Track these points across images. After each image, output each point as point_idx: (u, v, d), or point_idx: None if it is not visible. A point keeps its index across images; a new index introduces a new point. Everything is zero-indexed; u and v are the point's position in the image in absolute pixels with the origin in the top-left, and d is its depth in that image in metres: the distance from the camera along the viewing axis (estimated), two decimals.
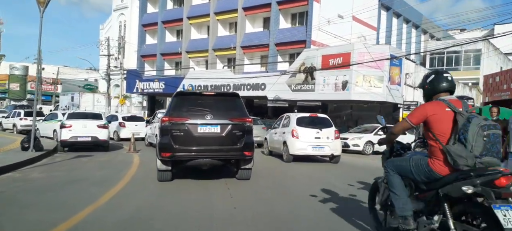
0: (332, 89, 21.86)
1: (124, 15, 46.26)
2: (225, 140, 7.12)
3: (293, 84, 23.49)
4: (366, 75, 21.20)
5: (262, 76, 25.14)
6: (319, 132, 11.88)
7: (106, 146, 13.57)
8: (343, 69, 21.46)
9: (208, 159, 7.18)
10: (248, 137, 7.33)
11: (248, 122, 7.32)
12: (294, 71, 23.38)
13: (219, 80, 26.76)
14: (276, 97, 24.22)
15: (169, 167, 7.24)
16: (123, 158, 12.03)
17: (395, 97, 21.99)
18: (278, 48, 27.71)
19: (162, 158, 7.00)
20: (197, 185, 7.31)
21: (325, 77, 22.20)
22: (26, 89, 55.58)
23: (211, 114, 7.08)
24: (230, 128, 7.13)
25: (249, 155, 7.31)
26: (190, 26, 33.84)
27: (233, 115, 7.25)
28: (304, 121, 12.22)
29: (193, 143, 7.01)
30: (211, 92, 8.05)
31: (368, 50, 21.08)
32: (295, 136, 11.78)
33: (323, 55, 22.35)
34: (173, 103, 7.44)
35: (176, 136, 6.96)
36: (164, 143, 6.97)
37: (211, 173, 8.31)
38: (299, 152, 11.74)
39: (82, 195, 6.19)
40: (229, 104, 7.50)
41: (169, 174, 7.38)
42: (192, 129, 6.98)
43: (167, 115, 7.22)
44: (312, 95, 22.68)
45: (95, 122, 13.16)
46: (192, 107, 7.21)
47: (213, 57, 31.53)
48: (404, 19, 36.71)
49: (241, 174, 7.80)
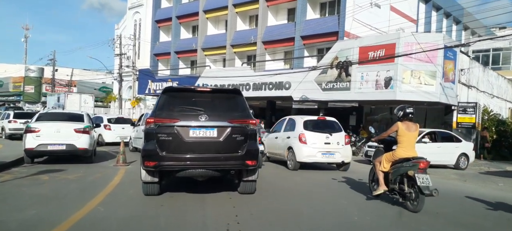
0: (372, 88, 18.19)
1: (139, 13, 43.98)
2: (223, 146, 6.03)
3: (323, 82, 19.95)
4: (415, 71, 17.44)
5: (287, 73, 21.72)
6: (329, 136, 10.94)
7: (89, 156, 10.45)
8: (386, 63, 17.78)
9: (202, 169, 6.05)
10: (252, 142, 6.21)
11: (251, 125, 6.22)
12: (325, 67, 19.82)
13: (237, 79, 23.49)
14: (303, 97, 20.71)
15: (156, 178, 6.16)
16: (104, 174, 8.85)
17: (449, 97, 18.11)
18: (304, 42, 24.21)
19: (146, 167, 5.92)
20: (193, 201, 6.20)
21: (363, 73, 18.56)
22: (41, 91, 54.08)
23: (206, 115, 5.98)
24: (229, 131, 6.04)
25: (252, 164, 6.18)
26: (207, 20, 30.81)
27: (234, 116, 6.18)
28: (311, 124, 11.24)
29: (183, 149, 5.90)
30: (206, 88, 7.11)
31: (417, 39, 17.32)
32: (303, 141, 10.75)
33: (360, 47, 18.72)
34: (160, 102, 6.26)
35: (163, 141, 5.84)
36: (148, 149, 5.87)
37: (211, 185, 7.15)
38: (307, 159, 10.75)
39: None
40: (229, 103, 6.46)
41: (156, 187, 6.29)
42: (182, 132, 5.88)
43: (152, 115, 6.06)
44: (347, 95, 19.07)
45: (72, 125, 10.06)
46: (184, 106, 6.13)
47: (231, 54, 28.32)
48: (445, 12, 32.67)
49: (244, 187, 6.72)
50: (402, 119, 6.29)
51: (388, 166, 6.39)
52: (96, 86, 56.24)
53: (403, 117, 6.30)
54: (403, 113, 6.30)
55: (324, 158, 10.88)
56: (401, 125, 6.23)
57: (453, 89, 18.58)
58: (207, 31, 30.73)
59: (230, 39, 28.17)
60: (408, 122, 6.26)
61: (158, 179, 6.17)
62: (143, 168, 5.99)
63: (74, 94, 35.60)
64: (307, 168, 11.14)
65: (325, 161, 11.09)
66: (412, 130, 6.24)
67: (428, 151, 13.73)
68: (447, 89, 17.98)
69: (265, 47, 26.25)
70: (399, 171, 6.20)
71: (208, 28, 30.86)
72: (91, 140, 10.38)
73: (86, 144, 10.08)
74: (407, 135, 6.18)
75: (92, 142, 10.56)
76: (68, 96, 31.51)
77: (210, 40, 30.04)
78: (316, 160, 10.87)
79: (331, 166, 11.71)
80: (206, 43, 30.25)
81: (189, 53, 31.95)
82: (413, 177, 5.93)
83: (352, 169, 11.43)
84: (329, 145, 10.86)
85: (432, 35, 19.41)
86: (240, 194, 6.71)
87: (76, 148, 9.93)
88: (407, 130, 6.19)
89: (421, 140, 13.70)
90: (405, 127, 6.21)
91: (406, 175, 6.11)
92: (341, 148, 10.95)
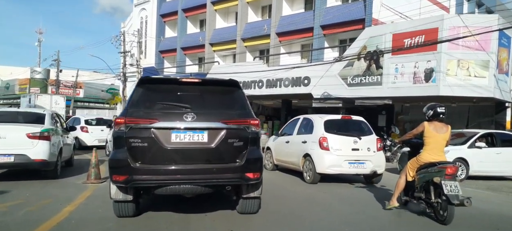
0: (410, 81, 15.27)
1: (145, 10, 41.73)
2: (216, 154, 4.62)
3: (349, 76, 17.08)
4: (462, 60, 14.46)
5: (306, 66, 18.93)
6: (357, 141, 8.76)
7: (52, 170, 7.83)
8: (426, 51, 14.86)
9: (188, 185, 4.63)
10: (253, 149, 4.77)
11: (253, 126, 4.76)
12: (351, 58, 16.93)
13: (249, 75, 20.77)
14: (325, 94, 17.85)
15: (130, 196, 4.76)
16: (58, 198, 6.23)
17: (502, 91, 15.07)
18: (325, 32, 21.33)
19: (115, 182, 4.56)
20: (179, 223, 4.87)
21: (397, 65, 15.65)
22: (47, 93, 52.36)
23: (193, 113, 4.59)
24: (224, 134, 4.63)
25: (255, 177, 4.74)
26: (215, 13, 28.23)
27: (230, 115, 4.75)
28: (334, 125, 9.03)
29: (163, 159, 4.52)
30: (194, 79, 5.26)
31: (465, 21, 14.33)
32: (325, 147, 8.59)
33: (394, 34, 15.81)
34: (134, 97, 4.80)
35: (137, 148, 4.46)
36: (117, 159, 4.50)
37: (202, 202, 5.74)
38: (330, 169, 8.58)
39: None
40: (224, 98, 5.02)
41: (131, 207, 4.89)
42: (162, 136, 4.50)
43: (123, 115, 4.66)
44: (378, 91, 16.17)
45: (24, 129, 7.44)
46: (164, 102, 4.72)
47: (242, 48, 25.63)
48: (477, 2, 29.46)
49: (244, 206, 5.24)
50: (430, 119, 5.65)
51: (413, 173, 5.78)
52: (104, 87, 54.40)
53: (432, 117, 5.65)
54: (433, 113, 5.65)
55: (352, 168, 8.64)
56: (427, 125, 5.62)
57: (507, 82, 15.53)
58: (215, 25, 28.14)
59: (241, 32, 25.50)
60: (436, 122, 5.64)
61: (132, 196, 4.81)
62: (112, 183, 4.69)
63: (45, 95, 33.09)
64: (326, 179, 8.86)
65: (353, 172, 8.80)
66: (442, 131, 5.59)
67: (484, 158, 10.83)
68: (500, 82, 14.94)
69: (279, 39, 23.48)
70: (425, 177, 5.59)
71: (217, 21, 28.27)
72: (53, 148, 7.74)
73: (44, 153, 7.44)
74: (434, 136, 5.57)
75: (55, 150, 7.92)
76: (38, 97, 29.08)
77: (219, 34, 27.42)
78: (341, 171, 8.67)
79: (357, 177, 9.39)
80: (214, 37, 27.65)
81: (196, 49, 29.42)
82: (439, 184, 5.26)
83: (383, 181, 9.11)
84: (357, 151, 8.67)
85: (483, 17, 16.39)
86: (240, 214, 5.35)
87: (30, 159, 7.30)
88: (434, 131, 5.57)
89: (474, 144, 10.84)
90: (433, 128, 5.59)
91: (432, 182, 5.47)
92: (373, 155, 8.73)
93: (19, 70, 54.63)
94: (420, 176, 5.64)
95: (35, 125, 7.77)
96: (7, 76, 57.59)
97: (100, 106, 56.04)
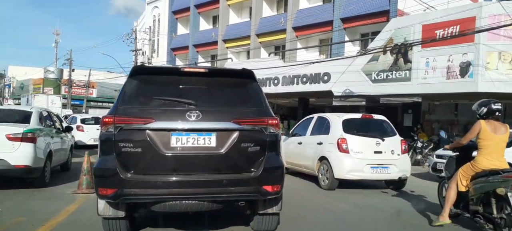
0: (442, 76, 13.77)
1: (158, 8, 41.05)
2: (227, 162, 3.78)
3: (374, 71, 15.66)
4: (504, 52, 12.90)
5: (326, 61, 17.59)
6: (380, 142, 7.91)
7: (38, 177, 6.75)
8: (462, 43, 13.35)
9: (191, 200, 3.77)
10: (272, 155, 3.89)
11: (272, 126, 3.88)
12: (376, 51, 15.51)
13: (264, 72, 19.53)
14: (346, 92, 16.47)
15: (121, 212, 3.88)
16: (33, 215, 5.15)
17: None
18: (345, 26, 19.93)
19: (101, 196, 3.69)
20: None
21: (428, 59, 14.17)
22: (60, 93, 52.21)
23: (198, 111, 3.74)
24: (236, 137, 3.77)
25: (274, 190, 3.83)
26: (228, 8, 27.11)
27: (243, 113, 3.87)
28: (354, 125, 8.21)
29: (161, 168, 3.69)
30: (200, 69, 4.61)
31: (507, 9, 12.77)
32: (344, 150, 7.76)
33: (424, 25, 14.32)
34: (125, 90, 3.95)
35: (128, 154, 3.63)
36: (104, 168, 3.67)
37: (208, 216, 4.81)
38: (350, 175, 7.74)
39: None
40: (235, 92, 4.12)
41: (123, 225, 4.02)
42: (159, 140, 3.66)
43: (111, 113, 3.77)
44: (406, 87, 14.72)
45: (3, 130, 6.34)
46: (162, 97, 3.86)
47: (256, 44, 24.42)
48: None
49: (260, 223, 4.34)
50: (485, 117, 4.83)
51: (466, 182, 4.90)
52: (117, 87, 53.98)
53: (486, 114, 4.83)
54: (487, 110, 4.83)
55: (375, 174, 7.80)
56: (485, 125, 4.76)
57: None
58: (229, 20, 27.01)
59: (255, 27, 24.30)
60: (494, 122, 4.82)
61: (124, 212, 3.93)
62: (98, 196, 3.79)
63: (41, 95, 33.34)
64: (345, 185, 7.92)
65: (376, 178, 7.99)
66: (501, 131, 4.78)
67: None
68: None
69: (296, 34, 22.17)
70: (484, 188, 4.69)
71: (230, 16, 27.15)
72: (39, 151, 6.65)
73: (27, 158, 6.35)
74: (493, 138, 4.73)
75: (42, 154, 6.83)
76: (35, 97, 28.73)
77: (232, 30, 26.27)
78: (363, 177, 7.85)
79: (379, 183, 8.51)
80: (227, 33, 26.51)
81: (208, 46, 28.36)
82: (505, 197, 4.38)
83: (408, 186, 8.38)
84: (380, 154, 7.86)
85: None
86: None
87: (10, 165, 6.22)
88: (493, 132, 4.75)
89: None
90: (491, 128, 4.75)
91: (493, 193, 4.55)
92: (397, 158, 7.93)
93: (33, 70, 54.77)
94: (477, 186, 4.75)
95: (19, 124, 6.70)
96: (22, 76, 57.89)
97: None
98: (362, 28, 20.13)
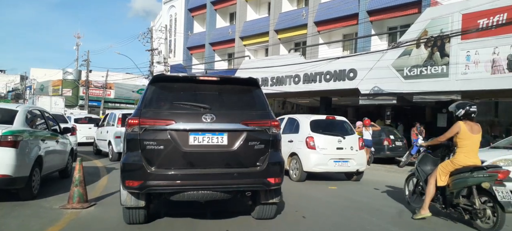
0: (486, 71, 12.28)
1: (174, 7, 40.36)
2: (237, 157, 4.46)
3: (406, 67, 14.22)
4: None
5: (351, 56, 16.25)
6: (342, 140, 9.14)
7: (23, 189, 5.73)
8: (510, 33, 11.80)
9: (207, 190, 4.44)
10: (275, 152, 4.64)
11: (274, 127, 4.63)
12: (409, 44, 14.06)
13: (283, 69, 18.32)
14: (375, 89, 15.08)
15: (142, 202, 4.52)
16: None
17: None
18: (372, 19, 18.48)
19: (128, 188, 4.32)
20: None
21: (469, 52, 12.67)
22: (78, 94, 52.27)
23: (212, 114, 4.41)
24: (244, 137, 4.45)
25: (276, 182, 4.59)
26: (246, 4, 25.99)
27: (250, 116, 4.58)
28: (320, 125, 9.39)
29: (181, 163, 4.33)
30: (212, 77, 4.97)
31: None
32: (312, 146, 8.95)
33: (464, 14, 12.81)
34: (147, 96, 4.56)
35: (152, 151, 4.26)
36: (131, 163, 4.25)
37: (215, 207, 5.58)
38: (317, 168, 8.93)
39: None
40: (242, 98, 4.81)
41: (142, 213, 4.67)
42: (179, 139, 4.30)
43: (136, 115, 4.39)
44: (443, 84, 13.25)
45: None
46: (181, 102, 4.51)
47: (275, 40, 23.19)
48: None
49: (261, 212, 5.05)
50: (463, 118, 5.18)
51: (446, 178, 5.29)
52: (135, 88, 53.74)
53: (464, 116, 5.19)
54: (465, 112, 5.20)
55: (337, 167, 9.08)
56: (463, 125, 5.13)
57: None
58: (246, 17, 25.87)
59: (274, 23, 23.07)
60: (470, 122, 5.19)
61: (144, 202, 4.51)
62: (123, 188, 4.37)
63: (45, 96, 33.63)
64: (313, 178, 9.28)
65: (338, 170, 9.29)
66: (476, 131, 5.17)
67: None
68: None
69: (318, 29, 20.82)
70: (467, 182, 5.10)
71: (248, 12, 26.00)
72: (22, 157, 5.62)
73: (6, 166, 5.32)
74: (471, 137, 5.15)
75: (28, 160, 5.79)
76: (39, 98, 29.51)
77: (250, 26, 25.12)
78: (327, 169, 9.09)
79: (339, 176, 9.87)
80: (245, 30, 25.37)
81: (225, 44, 27.32)
82: (489, 190, 4.88)
83: (365, 178, 9.71)
84: (342, 150, 9.13)
85: None
86: (256, 219, 5.10)
87: None
88: (470, 132, 5.14)
89: None
90: (468, 128, 5.14)
91: (477, 187, 5.03)
92: (355, 153, 9.24)
93: (52, 72, 55.08)
94: (458, 180, 5.21)
95: None
96: (42, 78, 58.36)
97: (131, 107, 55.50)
98: (390, 21, 18.63)
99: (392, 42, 17.05)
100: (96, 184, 7.78)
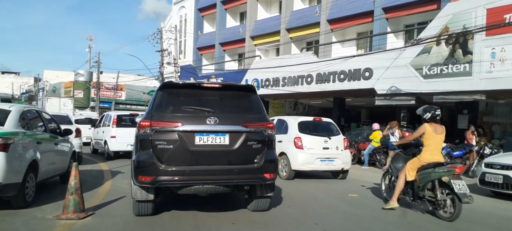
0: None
1: (184, 8, 40.11)
2: (237, 156, 5.05)
3: (425, 65, 13.49)
4: None
5: (366, 55, 15.58)
6: (328, 140, 9.86)
7: (15, 196, 5.29)
8: None
9: (210, 185, 5.03)
10: (270, 151, 5.26)
11: (270, 129, 5.25)
12: (428, 41, 13.33)
13: (295, 69, 17.72)
14: (392, 89, 14.38)
15: (151, 195, 5.05)
16: None
17: None
18: (387, 16, 17.76)
19: (140, 183, 4.85)
20: (195, 222, 5.09)
21: (494, 49, 11.89)
22: (89, 96, 52.39)
23: (215, 117, 5.00)
24: (244, 137, 5.05)
25: (271, 177, 5.23)
26: (257, 3, 25.46)
27: (249, 118, 5.19)
28: (307, 126, 10.10)
29: (188, 160, 4.91)
30: (215, 84, 5.79)
31: None
32: (299, 146, 9.60)
33: (489, 9, 12.04)
34: (156, 100, 5.16)
35: (162, 150, 4.82)
36: (143, 160, 4.82)
37: (215, 200, 6.19)
38: (304, 166, 9.62)
39: None
40: (242, 102, 5.45)
41: (150, 206, 5.19)
42: (187, 139, 4.87)
43: (147, 118, 4.94)
44: (466, 83, 12.49)
45: None
46: (187, 106, 5.12)
47: (287, 40, 22.61)
48: None
49: (257, 205, 5.69)
50: (429, 121, 5.94)
51: (414, 173, 6.02)
52: (146, 90, 53.69)
53: (430, 119, 5.95)
54: (431, 115, 5.96)
55: (323, 165, 9.74)
56: (428, 127, 5.89)
57: None
58: (257, 16, 25.36)
59: (285, 22, 22.49)
60: (435, 124, 5.95)
61: (153, 196, 5.06)
62: (135, 183, 4.93)
63: (54, 98, 34.73)
64: (301, 176, 9.92)
65: (324, 169, 9.93)
66: (439, 132, 5.93)
67: None
68: None
69: (331, 27, 20.16)
70: (430, 176, 5.84)
71: (259, 11, 25.47)
72: (14, 162, 5.17)
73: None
74: (434, 138, 5.88)
75: (21, 165, 5.34)
76: (48, 100, 31.13)
77: (261, 25, 24.58)
78: (314, 168, 9.74)
79: (326, 174, 10.42)
80: (256, 30, 24.86)
81: (235, 44, 26.83)
82: (448, 183, 5.59)
83: (350, 177, 10.32)
84: (328, 150, 9.78)
85: None
86: (252, 212, 5.73)
87: None
88: (434, 133, 5.88)
89: None
90: (433, 129, 5.89)
91: (438, 181, 5.75)
92: (341, 153, 9.90)
93: (64, 74, 55.34)
94: (423, 175, 5.86)
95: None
96: (54, 80, 58.74)
97: (141, 109, 55.52)
98: (406, 18, 17.87)
99: (408, 40, 16.32)
100: (99, 189, 7.33)
